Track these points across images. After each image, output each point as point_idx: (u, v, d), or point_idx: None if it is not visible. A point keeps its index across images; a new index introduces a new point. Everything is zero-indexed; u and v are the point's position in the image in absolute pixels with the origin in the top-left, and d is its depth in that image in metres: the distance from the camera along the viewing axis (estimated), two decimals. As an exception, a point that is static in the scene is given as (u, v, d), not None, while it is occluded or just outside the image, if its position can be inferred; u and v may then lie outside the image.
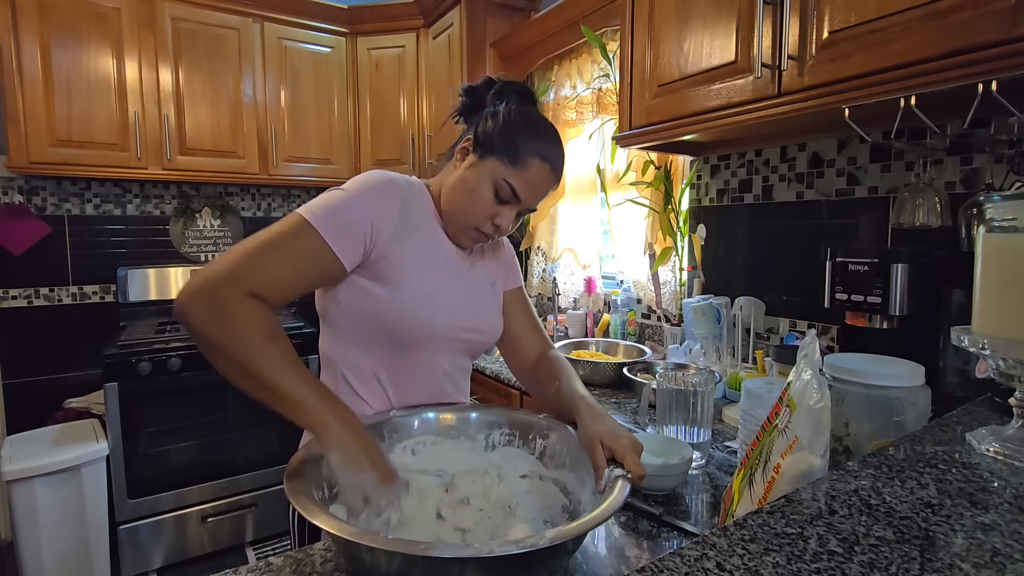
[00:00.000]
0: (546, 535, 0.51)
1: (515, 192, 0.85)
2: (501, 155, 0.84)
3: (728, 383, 1.47)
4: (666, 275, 1.97)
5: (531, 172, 0.84)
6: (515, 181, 0.84)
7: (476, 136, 0.87)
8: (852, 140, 1.42)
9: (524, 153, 0.84)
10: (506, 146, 0.84)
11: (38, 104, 2.22)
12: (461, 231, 0.90)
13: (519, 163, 0.84)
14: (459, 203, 0.88)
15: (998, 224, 0.68)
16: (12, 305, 2.51)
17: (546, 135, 0.86)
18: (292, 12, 2.71)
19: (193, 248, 2.90)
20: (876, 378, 0.80)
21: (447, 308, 0.89)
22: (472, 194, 0.86)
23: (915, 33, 0.90)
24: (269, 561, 0.67)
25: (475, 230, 0.89)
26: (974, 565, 0.43)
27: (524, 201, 0.86)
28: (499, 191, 0.85)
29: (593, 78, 2.19)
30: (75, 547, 2.09)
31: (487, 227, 0.88)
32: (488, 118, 0.87)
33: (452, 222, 0.90)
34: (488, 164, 0.85)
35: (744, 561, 0.44)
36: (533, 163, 0.84)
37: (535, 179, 0.85)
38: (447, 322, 0.89)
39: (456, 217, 0.89)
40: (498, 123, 0.86)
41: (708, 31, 1.27)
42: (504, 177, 0.84)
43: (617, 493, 0.62)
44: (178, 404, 2.27)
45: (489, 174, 0.85)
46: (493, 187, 0.85)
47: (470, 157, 0.87)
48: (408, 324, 0.85)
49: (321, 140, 2.86)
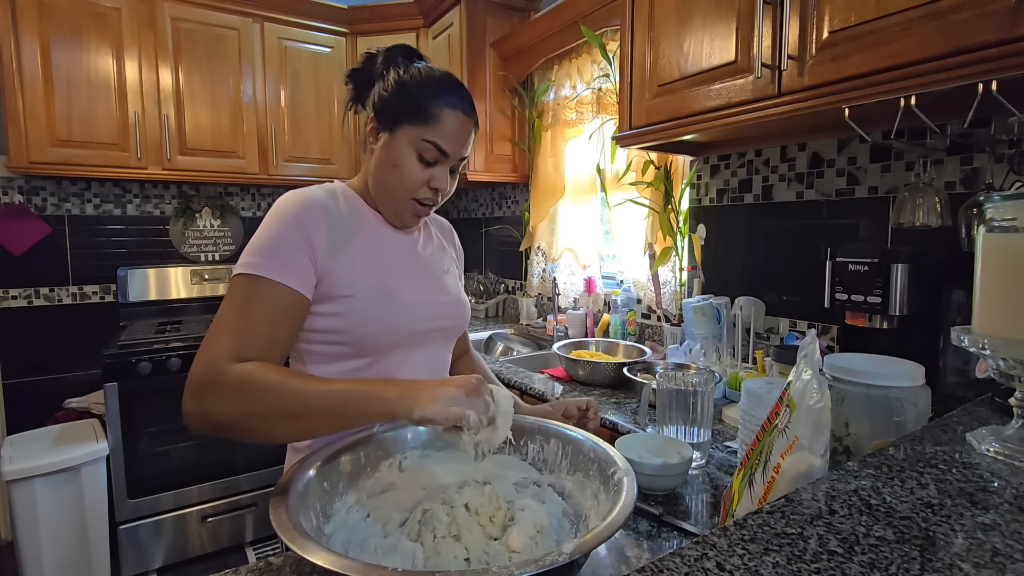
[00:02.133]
0: (564, 550, 0.49)
1: (440, 149, 0.83)
2: (411, 119, 0.82)
3: (728, 383, 1.47)
4: (666, 275, 1.97)
5: (447, 124, 0.83)
6: (436, 138, 0.83)
7: (376, 112, 0.85)
8: (852, 140, 1.42)
9: (431, 109, 0.82)
10: (412, 109, 0.82)
11: (38, 104, 2.22)
12: (401, 209, 0.88)
13: (432, 120, 0.82)
14: (389, 182, 0.85)
15: (998, 224, 0.68)
16: (12, 305, 2.51)
17: (446, 84, 0.85)
18: (292, 12, 2.71)
19: (193, 248, 2.90)
20: (876, 378, 0.80)
21: (404, 303, 0.87)
22: (397, 168, 0.84)
23: (915, 33, 0.90)
24: (269, 561, 0.67)
25: (414, 202, 0.87)
26: (974, 565, 0.43)
27: (452, 155, 0.85)
28: (423, 154, 0.83)
29: (593, 78, 2.19)
30: (75, 547, 2.09)
31: (425, 194, 0.86)
32: (380, 91, 0.85)
33: (389, 203, 0.88)
34: (401, 134, 0.83)
35: (744, 561, 0.44)
36: (445, 114, 0.83)
37: (453, 129, 0.84)
38: (408, 316, 0.87)
39: (391, 196, 0.87)
40: (393, 90, 0.84)
41: (708, 31, 1.27)
42: (423, 138, 0.82)
43: (626, 495, 0.60)
44: (178, 404, 2.22)
45: (407, 143, 0.83)
46: (416, 153, 0.83)
47: (382, 136, 0.85)
48: (370, 330, 0.83)
49: (321, 140, 2.86)
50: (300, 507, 0.62)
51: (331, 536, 0.65)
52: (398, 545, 0.64)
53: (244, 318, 0.73)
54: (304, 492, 0.65)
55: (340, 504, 0.71)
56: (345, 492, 0.72)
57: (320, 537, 0.63)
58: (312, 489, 0.67)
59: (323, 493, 0.69)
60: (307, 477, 0.68)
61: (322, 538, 0.64)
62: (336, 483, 0.72)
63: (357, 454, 0.77)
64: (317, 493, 0.68)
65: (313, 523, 0.63)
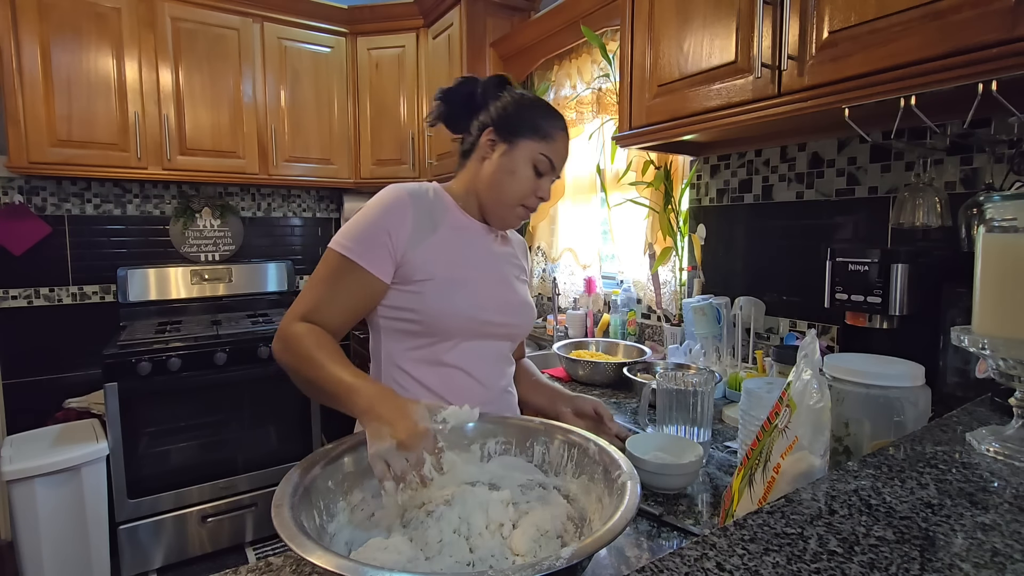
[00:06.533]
0: (562, 555, 0.50)
1: (552, 163, 0.97)
2: (531, 135, 0.95)
3: (728, 383, 1.47)
4: (666, 275, 1.97)
5: (558, 143, 0.98)
6: (550, 153, 0.96)
7: (497, 125, 0.97)
8: (852, 140, 1.42)
9: (549, 128, 0.96)
10: (533, 126, 0.96)
11: (38, 104, 2.22)
12: (508, 212, 0.99)
13: (548, 137, 0.96)
14: (504, 186, 0.97)
15: (998, 224, 0.68)
16: (12, 305, 2.51)
17: (555, 110, 1.00)
18: (292, 12, 2.71)
19: (193, 248, 2.90)
20: (876, 378, 0.80)
21: (473, 293, 0.95)
22: (514, 175, 0.96)
23: (915, 33, 0.90)
24: (269, 561, 0.67)
25: (521, 207, 0.99)
26: (974, 565, 0.43)
27: (557, 169, 0.99)
28: (538, 166, 0.96)
29: (593, 78, 2.19)
30: (75, 547, 2.09)
31: (532, 201, 0.99)
32: (499, 108, 0.98)
33: (498, 206, 0.99)
34: (521, 146, 0.95)
35: (744, 561, 0.44)
36: (558, 135, 0.97)
37: (562, 148, 0.99)
38: (474, 305, 0.94)
39: (502, 200, 0.98)
40: (512, 110, 0.97)
41: (708, 31, 1.27)
42: (541, 152, 0.96)
43: (629, 499, 0.60)
44: (178, 404, 2.27)
45: (526, 154, 0.95)
46: (532, 164, 0.96)
47: (500, 147, 0.97)
48: (439, 313, 0.92)
49: (321, 140, 2.86)
50: (303, 506, 0.62)
51: (334, 535, 0.65)
52: (400, 545, 0.64)
53: (322, 288, 0.88)
54: (308, 491, 0.65)
55: (344, 503, 0.71)
56: (350, 491, 0.72)
57: (323, 536, 0.64)
58: (316, 487, 0.67)
59: (327, 492, 0.69)
60: (311, 475, 0.68)
61: (325, 537, 0.64)
62: (341, 482, 0.72)
63: (362, 453, 0.77)
64: (321, 491, 0.68)
65: (316, 522, 0.63)
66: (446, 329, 0.93)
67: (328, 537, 0.64)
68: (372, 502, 0.73)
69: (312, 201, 3.24)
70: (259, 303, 2.98)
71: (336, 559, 0.50)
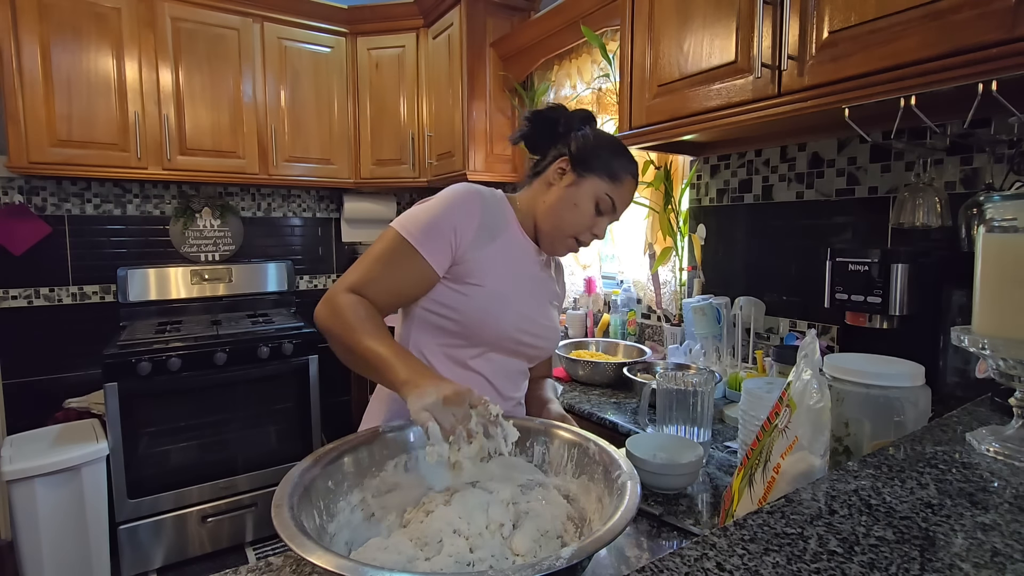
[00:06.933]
0: (562, 555, 0.49)
1: (614, 205, 0.97)
2: (601, 173, 0.96)
3: (728, 383, 1.47)
4: (666, 275, 1.97)
5: (625, 187, 0.98)
6: (615, 195, 0.96)
7: (572, 157, 0.97)
8: (852, 140, 1.42)
9: (620, 171, 0.96)
10: (605, 166, 0.96)
11: (38, 104, 2.22)
12: (560, 242, 1.00)
13: (617, 180, 0.96)
14: (564, 217, 0.97)
15: (998, 224, 0.68)
16: (12, 305, 2.51)
17: (630, 155, 1.00)
18: (292, 12, 2.71)
19: (193, 248, 2.90)
20: (876, 378, 0.80)
21: (516, 310, 0.96)
22: (577, 208, 0.96)
23: (915, 33, 0.90)
24: (269, 561, 0.67)
25: (574, 240, 0.99)
26: (974, 565, 0.43)
27: (618, 212, 0.99)
28: (600, 205, 0.97)
29: (593, 78, 2.19)
30: (75, 547, 2.09)
31: (586, 237, 0.99)
32: (579, 140, 0.98)
33: (553, 233, 0.99)
34: (589, 182, 0.96)
35: (744, 561, 0.44)
36: (627, 180, 0.97)
37: (627, 193, 0.99)
38: (514, 323, 0.95)
39: (558, 228, 0.98)
40: (591, 145, 0.97)
41: (708, 31, 1.27)
42: (606, 192, 0.96)
43: (629, 499, 0.60)
44: (178, 404, 2.27)
45: (591, 191, 0.96)
46: (595, 201, 0.96)
47: (568, 176, 0.97)
48: (479, 320, 0.93)
49: (321, 140, 2.86)
50: (303, 506, 0.62)
51: (334, 535, 0.65)
52: (400, 545, 0.64)
53: (377, 265, 0.89)
54: (308, 490, 0.65)
55: (344, 503, 0.71)
56: (350, 491, 0.72)
57: (323, 536, 0.63)
58: (316, 487, 0.67)
59: (327, 492, 0.69)
60: (312, 475, 0.68)
61: (325, 537, 0.64)
62: (341, 482, 0.72)
63: (362, 453, 0.77)
64: (321, 491, 0.68)
65: (316, 522, 0.63)
66: (481, 337, 0.94)
67: (328, 537, 0.64)
68: (372, 502, 0.73)
69: (312, 201, 3.24)
70: (259, 303, 2.98)
71: (336, 559, 0.50)
